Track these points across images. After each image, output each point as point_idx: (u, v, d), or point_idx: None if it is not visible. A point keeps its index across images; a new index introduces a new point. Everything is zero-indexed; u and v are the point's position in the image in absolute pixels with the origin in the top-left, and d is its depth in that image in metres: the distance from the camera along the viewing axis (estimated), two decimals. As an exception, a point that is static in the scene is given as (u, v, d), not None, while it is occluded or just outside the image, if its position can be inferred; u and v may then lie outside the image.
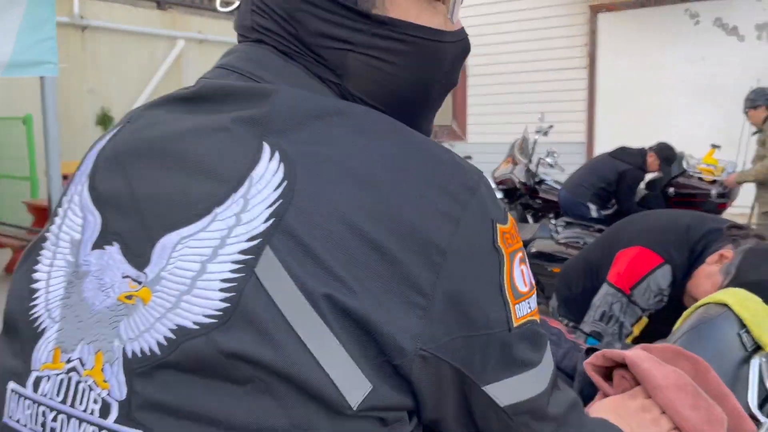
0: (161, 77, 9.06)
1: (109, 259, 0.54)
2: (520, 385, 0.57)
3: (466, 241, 0.53)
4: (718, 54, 7.49)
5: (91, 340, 0.52)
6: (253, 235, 0.50)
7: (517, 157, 6.01)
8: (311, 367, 0.48)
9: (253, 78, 0.60)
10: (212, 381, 0.48)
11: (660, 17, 7.80)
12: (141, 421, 0.49)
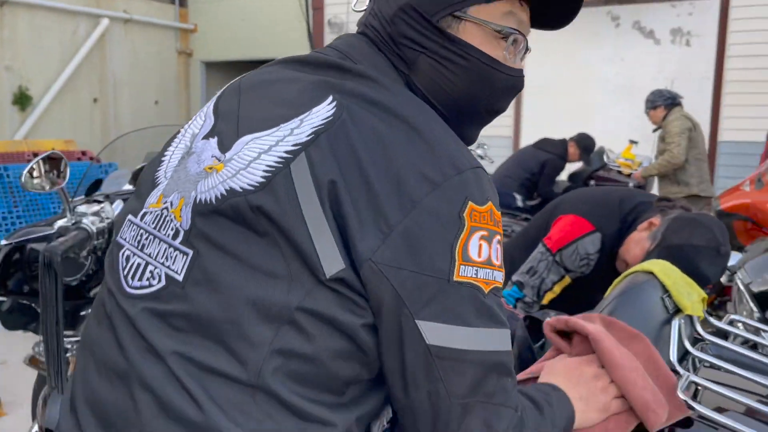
0: (84, 56, 8.68)
1: (208, 146, 0.80)
2: (449, 334, 0.70)
3: (436, 202, 0.69)
4: (636, 55, 7.92)
5: (181, 191, 0.78)
6: (297, 142, 0.73)
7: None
8: (305, 234, 0.69)
9: (347, 56, 0.82)
10: (243, 228, 0.71)
11: (584, 19, 8.09)
12: (194, 245, 0.74)
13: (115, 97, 9.37)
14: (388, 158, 0.70)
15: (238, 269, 0.70)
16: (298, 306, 0.68)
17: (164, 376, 0.70)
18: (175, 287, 0.73)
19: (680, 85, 7.67)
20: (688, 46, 7.68)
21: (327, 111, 0.73)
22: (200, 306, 0.70)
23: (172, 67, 10.55)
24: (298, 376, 0.70)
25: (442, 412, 0.71)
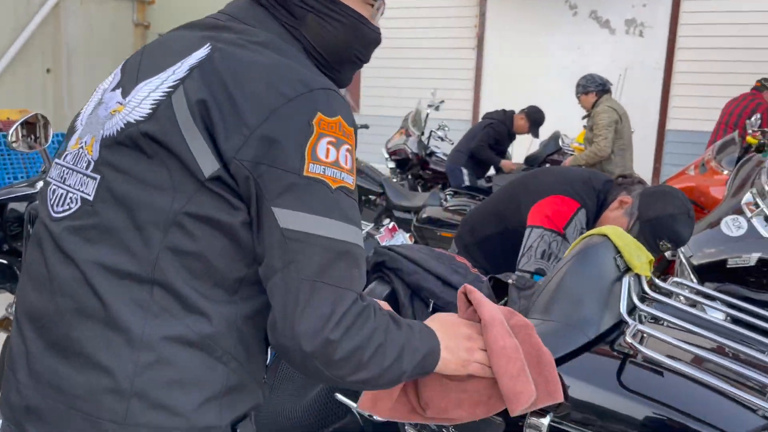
0: (37, 25, 8.42)
1: (114, 95, 0.95)
2: (300, 219, 0.82)
3: (289, 111, 0.83)
4: (593, 44, 8.15)
5: (92, 132, 0.93)
6: (176, 79, 0.88)
7: (410, 129, 6.27)
8: (184, 146, 0.83)
9: (236, 19, 0.96)
10: (137, 153, 0.86)
11: (543, 6, 8.34)
12: (101, 171, 0.88)
13: (68, 68, 9.13)
14: (249, 78, 0.85)
15: (134, 186, 0.85)
16: (182, 211, 0.83)
17: (78, 281, 0.86)
18: (87, 206, 0.88)
19: (632, 74, 7.95)
20: (641, 36, 7.95)
21: (202, 52, 0.88)
22: (106, 218, 0.86)
23: (128, 39, 10.31)
24: (191, 271, 0.84)
25: (292, 289, 0.81)
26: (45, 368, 0.87)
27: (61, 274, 0.87)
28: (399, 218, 5.13)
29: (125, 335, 0.83)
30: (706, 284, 2.35)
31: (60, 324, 0.86)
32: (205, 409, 0.86)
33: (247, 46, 0.89)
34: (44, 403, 0.86)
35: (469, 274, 1.61)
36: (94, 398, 0.84)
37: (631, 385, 1.15)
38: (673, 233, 2.04)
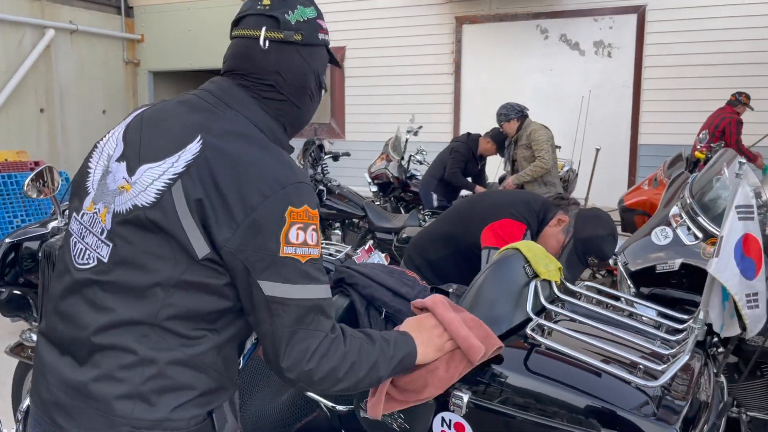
0: (29, 66, 8.73)
1: (120, 168, 1.16)
2: (279, 288, 1.09)
3: (268, 207, 1.07)
4: (563, 66, 8.54)
5: (105, 202, 1.16)
6: (175, 173, 1.09)
7: (391, 155, 6.58)
8: (182, 233, 1.07)
9: (222, 102, 1.21)
10: (144, 231, 1.10)
11: (516, 31, 8.74)
12: (113, 240, 1.12)
13: (62, 107, 9.43)
14: (237, 178, 1.09)
15: (142, 255, 1.10)
16: (180, 277, 1.09)
17: (97, 320, 1.11)
18: (102, 266, 1.13)
19: (603, 92, 8.34)
20: (610, 57, 8.33)
21: (195, 148, 1.11)
22: (118, 277, 1.11)
23: (119, 77, 10.65)
24: (185, 317, 1.11)
25: (277, 335, 1.11)
26: (70, 377, 1.13)
27: (84, 313, 1.13)
28: (381, 239, 5.41)
29: (135, 357, 1.10)
30: (641, 288, 2.65)
31: (82, 349, 1.13)
32: (190, 405, 1.14)
33: (233, 141, 1.13)
34: (69, 402, 1.12)
35: (416, 285, 1.90)
36: (109, 401, 1.10)
37: (533, 368, 1.43)
38: (600, 251, 2.43)
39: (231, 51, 1.26)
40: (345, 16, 9.49)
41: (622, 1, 8.14)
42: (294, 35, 1.21)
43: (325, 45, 1.28)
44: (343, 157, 6.02)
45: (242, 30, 1.23)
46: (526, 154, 5.32)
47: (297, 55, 1.23)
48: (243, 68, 1.23)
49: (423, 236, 2.83)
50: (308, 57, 1.24)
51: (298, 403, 1.80)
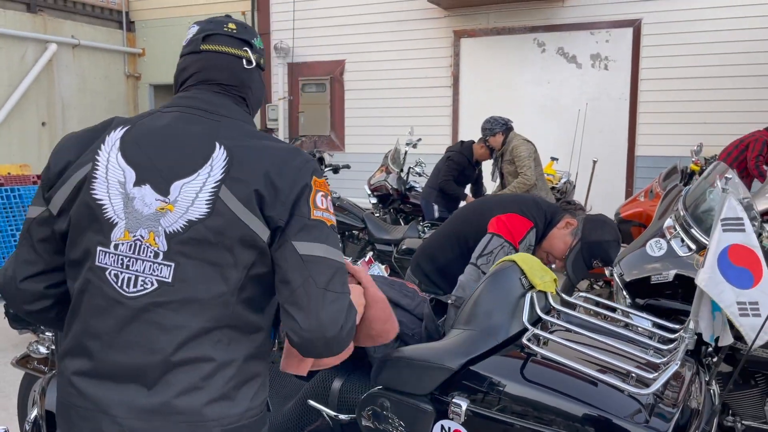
0: (32, 80, 8.81)
1: (146, 191, 1.19)
2: (311, 247, 1.18)
3: (300, 178, 1.21)
4: (560, 78, 8.63)
5: (147, 227, 1.18)
6: (216, 180, 1.17)
7: (390, 167, 6.64)
8: (245, 227, 1.15)
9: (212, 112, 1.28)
10: (205, 244, 1.15)
11: (513, 44, 8.84)
12: (174, 259, 1.16)
13: (63, 120, 9.51)
14: (273, 164, 1.20)
15: (206, 267, 1.16)
16: (244, 277, 1.18)
17: (171, 342, 1.16)
18: (167, 287, 1.16)
19: (600, 105, 8.43)
20: (606, 69, 8.43)
21: (223, 154, 1.21)
22: (187, 294, 1.16)
23: (120, 90, 10.74)
24: (250, 309, 1.21)
25: (312, 295, 1.16)
26: (144, 402, 1.16)
27: (154, 337, 1.16)
28: (381, 251, 5.46)
29: (214, 363, 1.17)
30: (637, 299, 2.69)
31: (155, 372, 1.16)
32: (261, 390, 1.25)
33: (246, 139, 1.24)
34: (147, 426, 1.15)
35: (416, 296, 1.95)
36: (198, 410, 1.16)
37: (530, 377, 1.48)
38: (606, 256, 2.51)
39: (208, 63, 1.33)
40: (344, 30, 9.60)
41: (619, 15, 8.25)
42: (260, 59, 1.38)
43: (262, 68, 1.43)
44: (342, 169, 6.08)
45: (220, 46, 1.34)
46: (510, 169, 5.41)
47: (259, 76, 1.39)
48: (222, 80, 1.32)
49: (432, 242, 2.85)
50: (262, 79, 1.41)
51: (300, 412, 1.85)
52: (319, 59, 9.91)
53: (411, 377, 1.54)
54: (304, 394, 1.84)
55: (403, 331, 1.83)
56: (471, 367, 1.51)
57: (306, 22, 9.87)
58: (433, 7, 8.98)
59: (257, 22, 10.20)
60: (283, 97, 10.09)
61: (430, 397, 1.53)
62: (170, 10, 10.72)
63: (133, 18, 11.04)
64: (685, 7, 7.93)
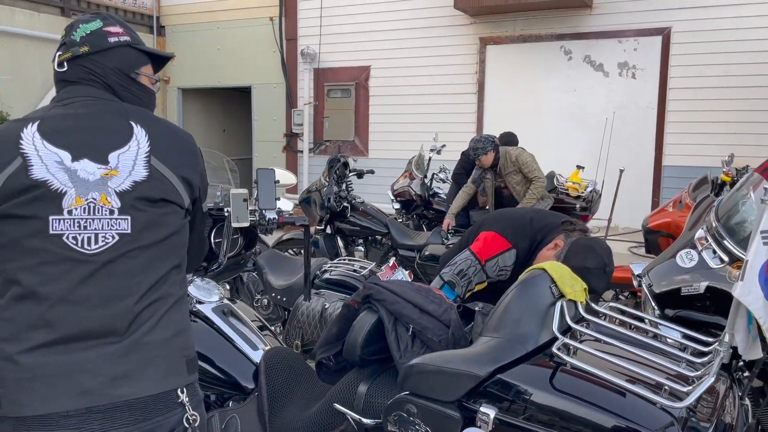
0: (64, 83, 8.98)
1: (86, 164, 1.35)
2: (206, 204, 1.59)
3: (198, 151, 1.53)
4: (587, 86, 8.56)
5: (97, 190, 1.34)
6: (146, 151, 1.41)
7: (414, 173, 6.64)
8: (178, 196, 1.44)
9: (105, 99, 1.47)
10: (150, 202, 1.38)
11: (539, 52, 8.80)
12: (129, 213, 1.36)
13: (93, 121, 9.66)
14: (180, 140, 1.49)
15: (155, 215, 1.38)
16: (182, 223, 1.44)
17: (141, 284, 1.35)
18: (128, 237, 1.35)
19: (627, 113, 8.34)
20: (634, 78, 8.34)
21: (142, 130, 1.43)
22: (144, 240, 1.37)
23: (149, 93, 10.88)
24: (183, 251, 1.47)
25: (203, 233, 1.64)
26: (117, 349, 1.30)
27: (122, 285, 1.32)
28: (403, 256, 5.45)
29: (173, 298, 1.40)
30: (666, 310, 2.65)
31: (126, 317, 1.31)
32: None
33: (140, 115, 1.46)
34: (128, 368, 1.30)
35: (443, 303, 1.94)
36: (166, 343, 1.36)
37: (559, 387, 1.46)
38: (586, 282, 2.26)
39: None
40: (370, 36, 9.64)
41: (647, 23, 8.16)
42: (80, 49, 1.46)
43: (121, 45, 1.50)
44: (366, 174, 6.09)
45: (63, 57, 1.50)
46: (517, 178, 5.45)
47: (91, 63, 1.47)
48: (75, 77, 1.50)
49: (453, 250, 2.89)
50: (106, 60, 1.47)
51: (326, 415, 1.85)
52: (344, 65, 9.96)
53: (438, 383, 1.53)
54: (330, 397, 1.84)
55: (430, 338, 1.83)
56: (499, 375, 1.49)
57: (333, 28, 9.94)
58: (459, 14, 8.98)
59: (284, 28, 10.29)
60: (309, 102, 10.15)
61: (457, 404, 1.52)
62: (199, 15, 10.87)
63: (164, 23, 11.21)
64: (715, 15, 7.82)
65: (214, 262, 2.50)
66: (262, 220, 2.39)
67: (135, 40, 1.56)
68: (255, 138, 10.85)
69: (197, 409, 1.38)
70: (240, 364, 2.06)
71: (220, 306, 2.23)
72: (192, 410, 1.36)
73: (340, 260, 3.80)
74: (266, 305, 3.92)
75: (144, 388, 1.29)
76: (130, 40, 1.54)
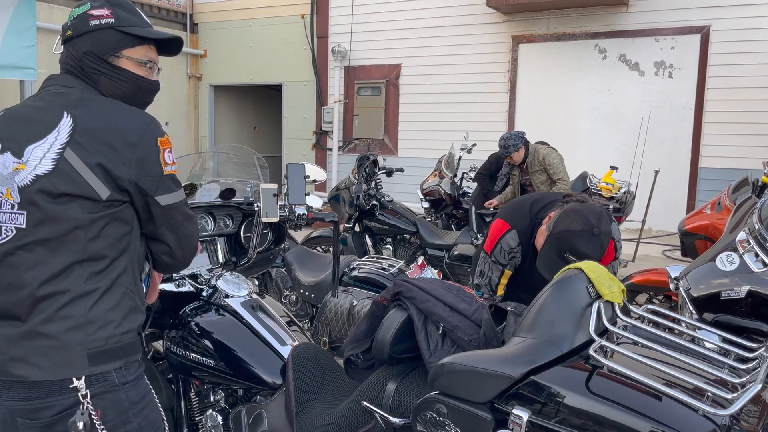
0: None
1: (6, 157, 1.43)
2: (169, 198, 1.51)
3: (144, 142, 1.45)
4: (622, 86, 8.40)
5: (4, 185, 1.42)
6: (62, 143, 1.40)
7: (444, 172, 6.59)
8: (85, 184, 1.39)
9: (63, 86, 1.51)
10: (50, 197, 1.39)
11: (573, 51, 8.66)
12: (26, 209, 1.40)
13: (127, 117, 9.82)
14: (116, 128, 1.43)
15: (53, 211, 1.39)
16: (92, 217, 1.41)
17: (35, 277, 1.39)
18: (23, 231, 1.41)
19: (662, 114, 8.16)
20: (671, 77, 8.16)
21: (69, 122, 1.42)
22: (41, 234, 1.40)
23: (182, 90, 11.04)
24: (102, 245, 1.44)
25: (178, 229, 1.56)
26: (17, 331, 1.40)
27: (19, 276, 1.40)
28: (432, 255, 5.41)
29: (70, 294, 1.40)
30: (705, 314, 2.57)
31: (25, 304, 1.40)
32: (125, 323, 1.48)
33: (89, 104, 1.46)
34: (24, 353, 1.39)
35: (474, 302, 1.90)
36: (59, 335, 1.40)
37: (595, 390, 1.41)
38: (572, 247, 2.28)
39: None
40: (401, 34, 9.60)
41: (686, 21, 7.97)
42: (66, 33, 1.53)
43: (102, 28, 1.51)
44: (396, 173, 6.06)
45: None
46: (542, 178, 5.45)
47: (72, 47, 1.52)
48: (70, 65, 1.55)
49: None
50: (81, 44, 1.51)
51: (354, 413, 1.82)
52: (375, 63, 9.94)
53: (470, 384, 1.49)
54: (358, 394, 1.82)
55: (461, 337, 1.79)
56: (533, 376, 1.45)
57: (364, 26, 9.93)
58: (492, 12, 8.89)
59: (316, 26, 10.32)
60: (339, 100, 10.16)
61: (488, 405, 1.48)
62: (232, 12, 10.96)
63: (197, 20, 11.33)
64: (756, 14, 7.60)
65: (243, 257, 2.50)
66: (292, 216, 2.38)
67: (123, 21, 1.53)
68: (285, 135, 10.90)
69: (105, 396, 1.44)
70: (268, 359, 2.05)
71: (249, 301, 2.22)
72: (90, 398, 1.41)
73: (368, 258, 3.78)
74: (294, 301, 3.92)
75: (34, 374, 1.39)
76: (113, 22, 1.51)
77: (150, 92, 1.62)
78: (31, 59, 3.21)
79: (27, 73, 3.26)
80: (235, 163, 2.96)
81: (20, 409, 1.41)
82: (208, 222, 2.45)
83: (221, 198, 2.43)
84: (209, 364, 2.09)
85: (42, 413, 1.41)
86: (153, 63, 1.61)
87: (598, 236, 2.27)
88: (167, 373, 2.30)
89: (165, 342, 2.23)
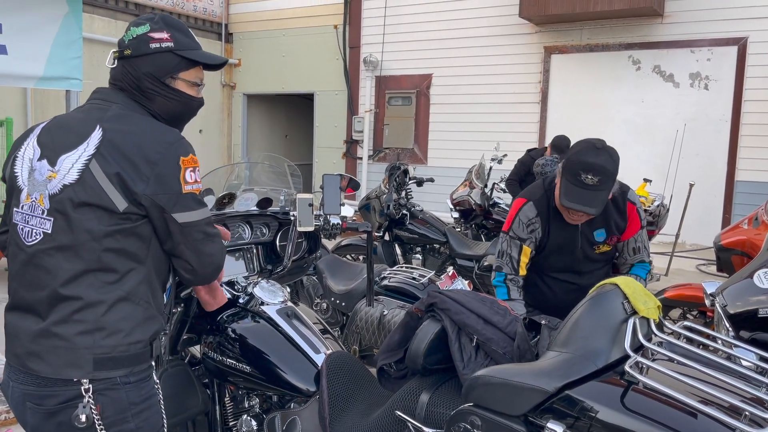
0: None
1: (44, 164, 1.56)
2: (188, 216, 1.56)
3: (164, 160, 1.52)
4: (656, 97, 8.30)
5: (39, 191, 1.55)
6: (89, 155, 1.51)
7: (474, 182, 6.58)
8: (106, 197, 1.49)
9: (108, 101, 1.61)
10: (72, 207, 1.50)
11: (606, 61, 8.59)
12: (53, 215, 1.52)
13: (163, 125, 10.03)
14: (136, 145, 1.50)
15: (75, 220, 1.48)
16: (108, 230, 1.49)
17: (53, 280, 1.50)
18: (49, 237, 1.51)
19: (698, 126, 8.04)
20: (707, 89, 8.04)
21: (98, 135, 1.52)
22: (59, 241, 1.50)
23: (216, 98, 11.23)
24: (118, 256, 1.51)
25: (197, 247, 1.60)
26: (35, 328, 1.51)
27: (42, 277, 1.51)
28: (461, 266, 5.41)
29: (81, 301, 1.49)
30: (741, 332, 2.53)
31: (43, 304, 1.51)
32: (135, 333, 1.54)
33: (123, 120, 1.54)
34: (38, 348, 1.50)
35: (508, 315, 1.92)
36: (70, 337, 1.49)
37: (631, 406, 1.41)
38: (580, 163, 2.42)
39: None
40: (432, 44, 9.65)
41: (722, 33, 7.86)
42: (125, 51, 1.61)
43: (162, 51, 1.61)
44: (426, 182, 6.08)
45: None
46: None
47: (130, 66, 1.60)
48: (117, 79, 1.64)
49: None
50: (141, 65, 1.60)
51: (387, 422, 1.84)
52: (406, 73, 10.00)
53: (504, 397, 1.50)
54: (391, 404, 1.84)
55: (494, 349, 1.80)
56: (568, 391, 1.45)
57: (396, 36, 10.00)
58: (524, 23, 8.88)
59: (348, 36, 10.42)
60: (370, 109, 10.23)
61: (523, 418, 1.49)
62: (266, 23, 11.13)
63: (232, 30, 11.54)
64: (796, 25, 7.47)
65: (279, 265, 2.55)
66: (326, 225, 2.42)
67: (181, 45, 1.63)
68: (316, 144, 11.01)
69: (106, 392, 1.51)
70: (302, 367, 2.08)
71: (284, 308, 2.26)
72: (92, 393, 1.50)
73: (398, 268, 3.80)
74: (325, 309, 3.96)
75: (45, 370, 1.50)
76: (173, 45, 1.62)
77: (196, 109, 1.74)
78: (77, 70, 3.32)
79: (73, 83, 3.37)
80: (269, 172, 3.02)
81: (30, 394, 1.53)
82: (245, 230, 2.50)
83: (258, 207, 2.48)
84: (245, 370, 2.13)
85: (47, 401, 1.51)
86: (202, 83, 1.72)
87: (602, 149, 2.45)
88: (203, 378, 2.35)
89: (202, 347, 2.28)
